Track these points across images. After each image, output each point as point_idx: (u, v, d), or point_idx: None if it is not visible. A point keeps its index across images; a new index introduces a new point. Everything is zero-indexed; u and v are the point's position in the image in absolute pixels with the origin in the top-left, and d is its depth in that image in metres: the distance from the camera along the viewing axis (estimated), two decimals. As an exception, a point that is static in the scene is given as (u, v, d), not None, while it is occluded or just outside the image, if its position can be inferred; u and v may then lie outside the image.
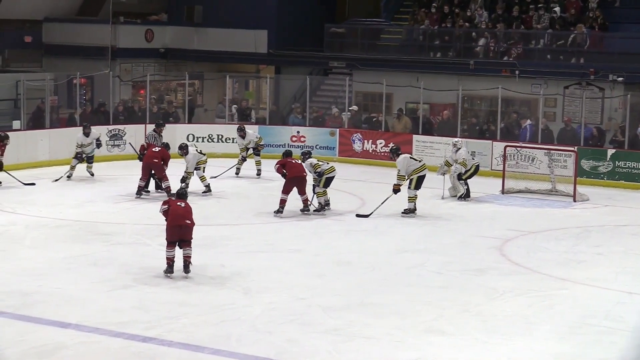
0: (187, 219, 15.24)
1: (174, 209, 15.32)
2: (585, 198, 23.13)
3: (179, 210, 15.30)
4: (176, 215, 15.24)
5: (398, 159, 20.83)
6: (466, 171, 22.57)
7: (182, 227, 15.17)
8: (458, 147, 22.71)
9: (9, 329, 12.47)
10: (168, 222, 15.28)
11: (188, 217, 15.30)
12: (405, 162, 20.71)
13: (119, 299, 13.89)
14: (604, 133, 26.80)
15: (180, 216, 15.23)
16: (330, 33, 32.24)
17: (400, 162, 20.74)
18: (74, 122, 28.05)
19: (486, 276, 15.83)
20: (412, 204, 20.73)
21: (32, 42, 32.78)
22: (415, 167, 20.66)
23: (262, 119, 31.23)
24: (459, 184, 22.65)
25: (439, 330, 12.87)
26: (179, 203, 15.41)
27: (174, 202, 15.48)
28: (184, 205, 15.39)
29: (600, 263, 17.14)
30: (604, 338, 12.76)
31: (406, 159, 20.81)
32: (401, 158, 20.81)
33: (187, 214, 15.32)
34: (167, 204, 15.50)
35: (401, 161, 20.75)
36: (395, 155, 21.04)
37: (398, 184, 20.66)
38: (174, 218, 15.23)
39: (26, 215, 19.79)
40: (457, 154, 22.60)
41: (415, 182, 20.65)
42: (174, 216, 15.25)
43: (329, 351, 11.93)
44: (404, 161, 20.73)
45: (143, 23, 34.14)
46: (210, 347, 11.91)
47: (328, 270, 15.92)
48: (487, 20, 30.36)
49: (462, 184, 22.64)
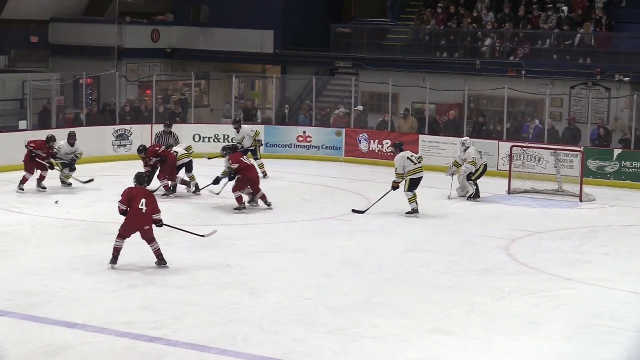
0: (146, 225, 15.29)
1: (133, 212, 15.24)
2: (591, 198, 23.11)
3: (139, 215, 15.26)
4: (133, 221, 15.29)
5: (396, 156, 20.80)
6: (475, 171, 22.52)
7: (141, 231, 15.35)
8: (467, 146, 22.57)
9: (15, 329, 12.48)
10: (126, 220, 15.32)
11: (147, 222, 15.31)
12: (401, 161, 20.65)
13: (125, 299, 13.90)
14: (610, 133, 26.78)
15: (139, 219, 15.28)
16: (336, 33, 32.23)
17: (397, 160, 20.69)
18: (80, 122, 28.10)
19: (492, 276, 15.82)
20: (413, 203, 20.69)
21: (38, 42, 32.84)
22: (410, 168, 20.60)
23: (268, 119, 31.25)
24: (468, 184, 22.56)
25: (445, 330, 12.86)
26: (140, 205, 15.19)
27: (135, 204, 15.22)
28: (145, 211, 15.24)
29: (607, 263, 17.12)
30: (610, 338, 12.74)
31: (403, 158, 20.74)
32: (399, 156, 20.77)
33: (146, 219, 15.29)
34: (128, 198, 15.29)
35: (398, 159, 20.70)
36: (398, 150, 20.99)
37: (397, 181, 20.63)
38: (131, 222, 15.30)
39: (32, 215, 19.82)
40: (465, 153, 22.50)
41: (409, 184, 20.59)
42: (132, 220, 15.29)
43: (335, 351, 11.93)
44: (401, 160, 20.68)
45: (149, 23, 34.19)
46: (216, 347, 11.91)
47: (334, 270, 15.92)
48: (494, 20, 30.35)
49: (471, 184, 22.55)
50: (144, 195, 15.39)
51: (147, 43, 33.24)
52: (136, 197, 15.29)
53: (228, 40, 33.04)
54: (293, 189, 23.89)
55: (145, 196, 15.39)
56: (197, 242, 17.43)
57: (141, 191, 15.48)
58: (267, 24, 32.73)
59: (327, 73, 33.24)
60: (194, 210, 20.84)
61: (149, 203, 15.31)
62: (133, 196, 15.31)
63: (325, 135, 29.13)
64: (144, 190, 15.60)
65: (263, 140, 28.44)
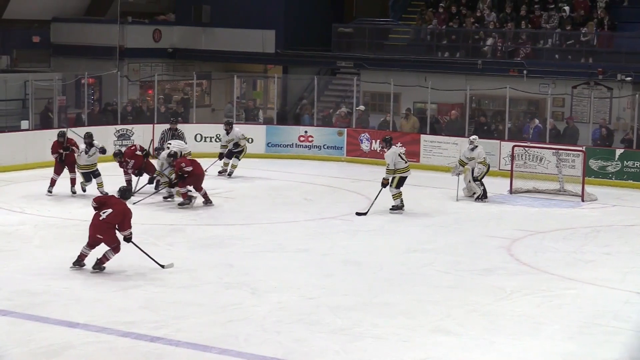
0: (98, 234, 15.09)
1: (94, 216, 15.20)
2: (593, 198, 23.09)
3: (96, 221, 15.16)
4: (92, 224, 15.21)
5: (388, 152, 20.76)
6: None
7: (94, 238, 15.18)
8: (475, 145, 22.35)
9: (17, 329, 12.48)
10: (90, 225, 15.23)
11: (102, 232, 15.07)
12: (394, 157, 20.65)
13: (127, 299, 13.90)
14: (612, 133, 26.77)
15: (95, 226, 15.15)
16: (338, 33, 32.21)
17: (390, 155, 20.67)
18: (82, 122, 28.10)
19: (494, 276, 15.81)
20: (398, 200, 20.69)
21: (40, 42, 32.84)
22: (401, 166, 20.64)
23: (269, 118, 31.25)
24: (475, 185, 22.41)
25: (447, 330, 12.86)
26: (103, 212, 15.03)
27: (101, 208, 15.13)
28: (103, 218, 15.03)
29: (609, 263, 17.11)
30: (613, 338, 12.74)
31: (395, 154, 20.75)
32: (391, 152, 20.76)
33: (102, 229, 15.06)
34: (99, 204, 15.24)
35: (390, 155, 20.69)
36: (388, 145, 20.94)
37: (387, 178, 20.61)
38: (90, 225, 15.23)
39: (35, 215, 19.81)
40: (474, 152, 22.31)
41: (397, 181, 20.63)
42: (91, 223, 15.24)
43: (337, 351, 11.93)
44: (393, 156, 20.68)
45: (151, 23, 34.18)
46: (218, 347, 11.91)
47: (336, 270, 15.91)
48: (495, 20, 30.33)
49: (478, 185, 22.42)
50: (116, 208, 15.10)
51: (148, 43, 33.22)
52: (105, 205, 15.19)
53: (230, 40, 33.03)
54: (295, 189, 23.88)
55: (116, 209, 15.09)
56: (199, 242, 17.47)
57: (116, 203, 15.24)
58: (269, 23, 32.72)
59: (329, 73, 33.23)
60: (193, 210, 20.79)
61: (115, 216, 15.00)
62: (104, 203, 15.29)
63: (327, 135, 29.11)
64: (120, 204, 15.25)
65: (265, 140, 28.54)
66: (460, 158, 22.73)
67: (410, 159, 27.29)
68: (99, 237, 15.08)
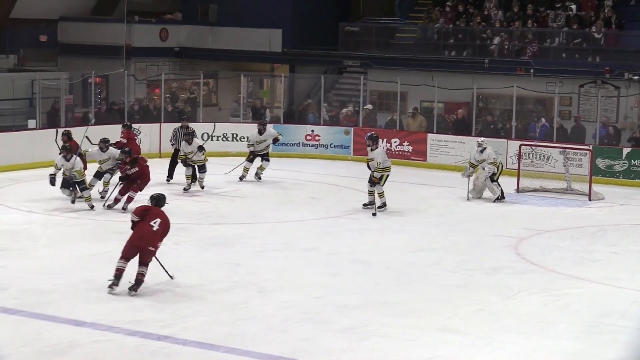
0: (151, 246, 14.12)
1: (141, 227, 14.18)
2: (600, 197, 23.06)
3: (148, 232, 14.14)
4: (140, 236, 14.18)
5: (377, 150, 20.73)
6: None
7: (142, 250, 14.14)
8: (484, 147, 22.31)
9: (24, 328, 12.50)
10: (133, 237, 14.21)
11: (153, 243, 14.16)
12: (384, 155, 20.69)
13: (134, 298, 13.90)
14: (619, 132, 26.73)
15: (142, 238, 14.15)
16: (345, 32, 32.22)
17: (380, 154, 20.68)
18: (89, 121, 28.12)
19: (501, 275, 15.80)
20: (384, 198, 20.72)
21: (47, 42, 32.88)
22: (387, 165, 20.71)
23: (276, 117, 31.25)
24: (493, 185, 22.28)
25: (454, 329, 12.85)
26: (154, 222, 14.14)
27: (148, 219, 14.18)
28: (156, 228, 14.14)
29: (616, 262, 17.10)
30: (620, 337, 12.72)
31: (384, 152, 20.81)
32: (381, 150, 20.90)
33: (154, 239, 14.16)
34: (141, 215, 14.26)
35: (381, 153, 20.73)
36: (375, 143, 20.90)
37: (377, 177, 20.55)
38: (137, 238, 14.19)
39: (42, 214, 19.84)
40: (483, 154, 22.24)
41: (384, 180, 20.69)
42: (139, 235, 14.18)
43: (344, 350, 11.93)
44: (383, 154, 20.71)
45: (158, 22, 34.20)
46: (225, 346, 11.92)
47: (343, 269, 15.92)
48: (502, 19, 30.31)
49: (496, 185, 22.35)
50: (162, 217, 14.26)
51: (155, 42, 33.25)
52: (152, 214, 14.25)
53: (236, 39, 33.04)
54: (301, 187, 23.88)
55: (163, 218, 14.26)
56: (206, 241, 17.49)
57: (160, 212, 14.35)
58: (276, 22, 32.72)
59: (336, 72, 33.22)
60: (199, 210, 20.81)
61: (165, 225, 14.26)
62: (149, 213, 14.29)
63: (333, 134, 29.11)
64: (162, 212, 14.39)
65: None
66: (470, 161, 22.66)
67: (417, 158, 27.55)
68: (150, 250, 14.06)
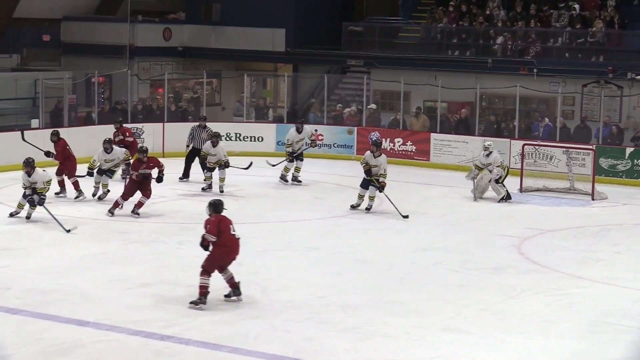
0: (236, 254, 13.68)
1: (229, 237, 13.53)
2: (603, 196, 23.05)
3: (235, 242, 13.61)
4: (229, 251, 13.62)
5: (382, 157, 20.59)
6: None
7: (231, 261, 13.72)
8: (490, 151, 22.21)
9: (27, 327, 12.51)
10: (219, 252, 13.53)
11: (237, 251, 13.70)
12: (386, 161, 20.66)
13: (137, 297, 13.91)
14: (622, 131, 26.72)
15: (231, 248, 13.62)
16: (348, 31, 32.21)
17: (385, 161, 20.59)
18: (92, 120, 28.16)
19: (504, 274, 15.80)
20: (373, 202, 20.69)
21: (50, 41, 32.90)
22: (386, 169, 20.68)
23: (279, 117, 31.25)
24: (498, 187, 22.24)
25: (457, 328, 12.85)
26: (233, 232, 13.52)
27: (227, 229, 13.51)
28: (238, 235, 13.65)
29: (619, 262, 17.09)
30: (623, 337, 12.72)
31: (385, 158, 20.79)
32: (384, 157, 20.70)
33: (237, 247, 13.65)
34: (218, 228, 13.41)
35: (385, 159, 20.62)
36: (379, 149, 20.81)
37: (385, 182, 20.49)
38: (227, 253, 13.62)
39: (44, 213, 19.81)
40: (489, 157, 22.12)
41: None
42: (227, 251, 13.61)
43: (347, 349, 11.93)
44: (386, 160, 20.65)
45: (161, 22, 34.21)
46: (228, 345, 11.92)
47: (346, 269, 15.92)
48: (505, 19, 30.30)
49: (501, 187, 22.32)
50: (231, 222, 13.68)
51: (159, 42, 33.24)
52: (225, 224, 13.55)
53: (240, 39, 33.03)
54: (304, 187, 23.86)
55: (231, 223, 13.68)
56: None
57: (226, 218, 13.67)
58: (279, 22, 32.72)
59: (339, 71, 33.21)
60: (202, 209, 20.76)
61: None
62: (222, 224, 13.51)
63: (337, 134, 29.09)
64: (227, 218, 13.72)
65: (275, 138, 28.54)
66: (475, 163, 22.61)
67: (420, 158, 27.56)
68: (235, 257, 13.73)
